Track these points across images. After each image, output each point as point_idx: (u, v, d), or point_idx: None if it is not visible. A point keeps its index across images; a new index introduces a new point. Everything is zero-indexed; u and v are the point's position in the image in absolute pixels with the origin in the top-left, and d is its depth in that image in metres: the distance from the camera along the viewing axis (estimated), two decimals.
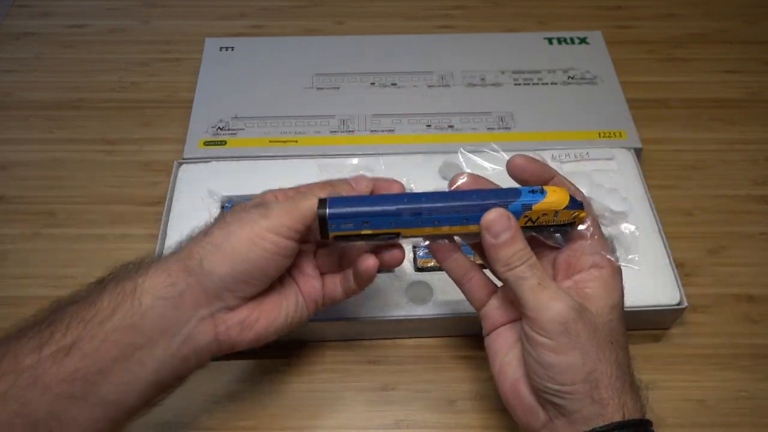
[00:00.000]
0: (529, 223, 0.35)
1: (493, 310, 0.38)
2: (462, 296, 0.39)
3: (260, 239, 0.34)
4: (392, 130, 0.59)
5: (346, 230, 0.35)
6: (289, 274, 0.39)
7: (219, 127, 0.59)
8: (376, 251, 0.38)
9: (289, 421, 0.45)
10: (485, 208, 0.34)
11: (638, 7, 0.76)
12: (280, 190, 0.39)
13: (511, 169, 0.36)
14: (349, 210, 0.35)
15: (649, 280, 0.48)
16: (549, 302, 0.32)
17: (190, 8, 0.75)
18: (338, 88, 0.63)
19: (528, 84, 0.63)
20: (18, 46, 0.71)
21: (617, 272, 0.35)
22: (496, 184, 0.37)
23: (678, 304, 0.47)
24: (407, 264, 0.49)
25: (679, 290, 0.47)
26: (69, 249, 0.54)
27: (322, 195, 0.35)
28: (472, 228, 0.35)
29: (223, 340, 0.36)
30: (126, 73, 0.68)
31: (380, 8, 0.76)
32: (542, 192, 0.34)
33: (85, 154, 0.61)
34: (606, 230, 0.51)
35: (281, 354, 0.48)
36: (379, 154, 0.56)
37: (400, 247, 0.38)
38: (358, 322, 0.47)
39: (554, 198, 0.34)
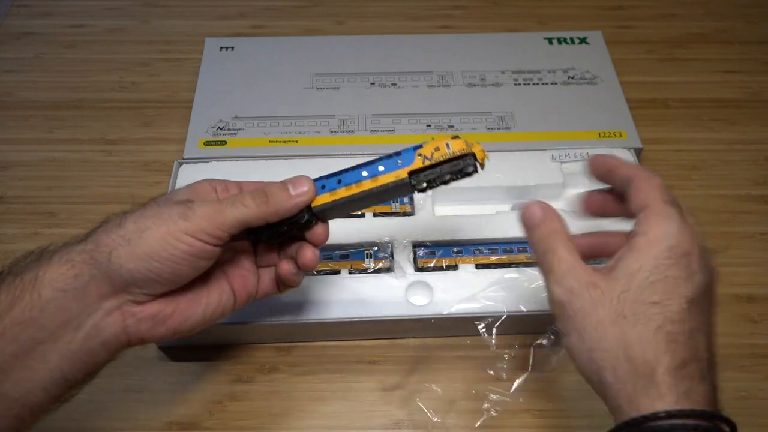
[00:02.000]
0: (427, 162, 0.37)
1: None
2: (461, 296, 0.39)
3: (175, 240, 0.33)
4: (392, 130, 0.59)
5: None
6: (221, 268, 0.38)
7: (219, 127, 0.59)
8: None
9: (289, 421, 0.45)
10: (389, 155, 0.38)
11: (638, 7, 0.76)
12: (219, 182, 0.39)
13: (594, 170, 0.37)
14: None
15: None
16: (551, 291, 0.33)
17: (190, 8, 0.75)
18: (338, 88, 0.62)
19: (528, 84, 0.63)
20: (18, 46, 0.71)
21: (654, 239, 0.31)
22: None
23: None
24: (407, 264, 0.49)
25: None
26: None
27: (253, 205, 0.35)
28: (381, 179, 0.37)
29: (132, 333, 0.34)
30: (126, 73, 0.68)
31: (380, 8, 0.76)
32: (432, 140, 0.38)
33: (85, 154, 0.61)
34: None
35: (281, 354, 0.49)
36: (379, 154, 0.56)
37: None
38: (358, 322, 0.47)
39: (440, 138, 0.38)
